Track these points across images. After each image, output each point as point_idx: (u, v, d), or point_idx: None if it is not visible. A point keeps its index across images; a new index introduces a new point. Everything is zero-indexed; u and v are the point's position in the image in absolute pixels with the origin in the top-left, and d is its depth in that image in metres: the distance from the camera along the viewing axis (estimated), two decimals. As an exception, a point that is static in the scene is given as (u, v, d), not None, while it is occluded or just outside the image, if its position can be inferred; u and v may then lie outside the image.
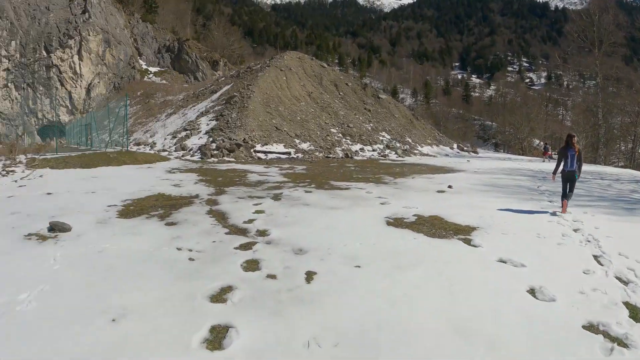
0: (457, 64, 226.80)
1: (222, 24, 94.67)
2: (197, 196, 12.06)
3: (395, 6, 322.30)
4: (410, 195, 12.80)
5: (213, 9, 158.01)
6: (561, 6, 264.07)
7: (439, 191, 13.82)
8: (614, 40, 47.86)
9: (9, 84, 57.05)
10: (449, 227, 8.87)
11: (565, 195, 11.11)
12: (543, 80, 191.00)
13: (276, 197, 11.83)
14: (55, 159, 20.12)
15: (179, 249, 7.17)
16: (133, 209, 10.34)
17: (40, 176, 16.66)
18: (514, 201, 12.52)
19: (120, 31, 66.84)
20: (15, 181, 15.54)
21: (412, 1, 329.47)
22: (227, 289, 5.49)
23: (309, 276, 5.92)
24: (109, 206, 10.62)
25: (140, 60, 70.20)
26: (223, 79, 46.51)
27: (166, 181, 15.22)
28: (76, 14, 60.52)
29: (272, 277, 5.90)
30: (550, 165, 27.98)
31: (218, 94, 37.10)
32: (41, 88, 57.83)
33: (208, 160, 23.83)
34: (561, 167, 11.01)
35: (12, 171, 17.62)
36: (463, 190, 14.24)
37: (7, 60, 56.52)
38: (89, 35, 59.88)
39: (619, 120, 53.90)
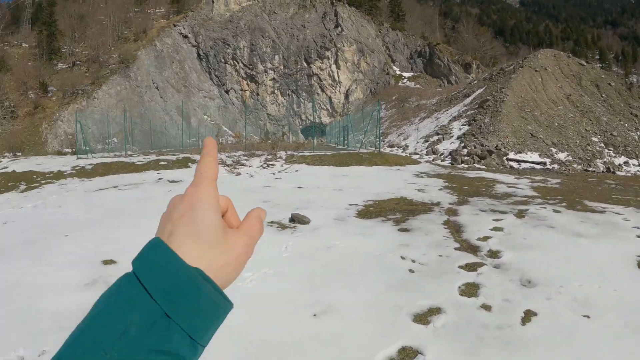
0: None
1: (471, 25, 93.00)
2: (438, 204, 11.72)
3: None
4: None
5: (460, 10, 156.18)
6: None
7: None
8: None
9: (275, 91, 65.92)
10: None
11: None
12: None
13: (520, 214, 10.65)
14: (312, 156, 21.80)
15: (402, 258, 7.05)
16: (372, 210, 10.59)
17: (296, 171, 18.23)
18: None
19: (372, 40, 70.88)
20: (274, 173, 17.20)
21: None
22: (435, 311, 5.17)
23: (527, 316, 5.10)
24: (350, 205, 11.08)
25: (393, 66, 72.95)
26: (476, 82, 45.53)
27: (412, 185, 15.21)
28: (330, 28, 66.64)
29: (486, 308, 5.31)
30: None
31: (471, 97, 36.34)
32: (304, 94, 65.01)
33: (458, 166, 23.37)
34: None
35: (272, 164, 19.63)
36: None
37: (272, 71, 65.94)
38: (344, 46, 65.24)
39: None
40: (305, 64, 65.98)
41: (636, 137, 30.35)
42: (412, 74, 72.26)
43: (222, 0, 72.60)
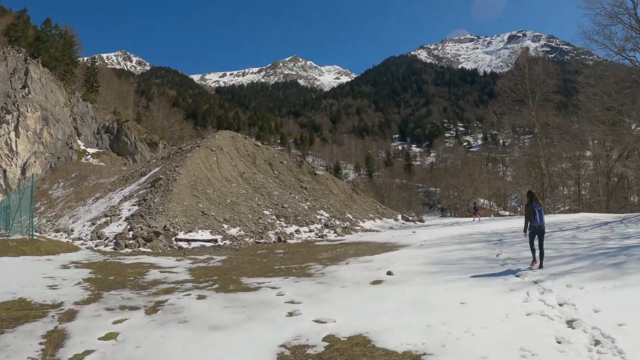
0: (396, 135, 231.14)
1: (163, 104, 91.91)
2: (59, 305, 8.99)
3: (335, 85, 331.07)
4: (334, 294, 9.59)
5: (157, 91, 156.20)
6: (489, 71, 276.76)
7: (374, 282, 10.72)
8: (547, 89, 47.51)
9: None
10: (376, 362, 5.80)
11: (534, 251, 11.06)
12: (480, 142, 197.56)
13: (154, 308, 8.63)
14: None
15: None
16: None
17: None
18: (473, 284, 9.72)
19: (59, 109, 62.44)
20: None
21: (350, 79, 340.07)
22: None
23: None
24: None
25: (78, 141, 65.73)
26: (154, 160, 43.04)
27: (47, 280, 11.76)
28: (16, 88, 56.42)
29: None
30: (483, 225, 28.81)
31: (146, 176, 33.59)
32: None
33: (121, 251, 20.00)
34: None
35: None
36: (406, 276, 11.16)
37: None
38: (27, 111, 55.16)
39: (559, 167, 54.03)
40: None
41: (306, 207, 31.36)
42: (97, 150, 66.65)
43: None
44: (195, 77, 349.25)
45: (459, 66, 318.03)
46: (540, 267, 10.86)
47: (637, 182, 48.76)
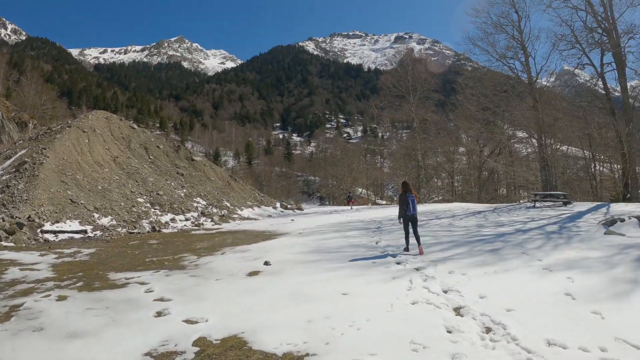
0: (278, 124, 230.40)
1: (36, 79, 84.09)
2: None
3: (219, 70, 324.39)
4: (208, 289, 8.73)
5: (32, 64, 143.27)
6: (373, 67, 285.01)
7: (251, 273, 10.01)
8: (428, 87, 49.66)
9: None
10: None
11: (408, 239, 11.62)
12: (360, 134, 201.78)
13: (7, 315, 7.19)
14: None
15: None
16: None
17: None
18: (354, 273, 9.36)
19: None
20: None
21: (235, 65, 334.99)
22: None
23: None
24: None
25: None
26: (21, 142, 39.12)
27: None
28: None
29: None
30: (361, 213, 29.60)
31: (11, 160, 30.04)
32: None
33: (-24, 247, 17.79)
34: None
35: None
36: (284, 266, 10.61)
37: None
38: None
39: (434, 160, 57.71)
40: None
41: (182, 194, 29.89)
42: (-42, 130, 60.24)
43: None
44: (74, 52, 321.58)
45: (345, 60, 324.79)
46: (420, 252, 11.13)
47: (506, 176, 52.88)
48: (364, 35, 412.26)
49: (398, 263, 10.17)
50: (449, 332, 5.76)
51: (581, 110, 30.93)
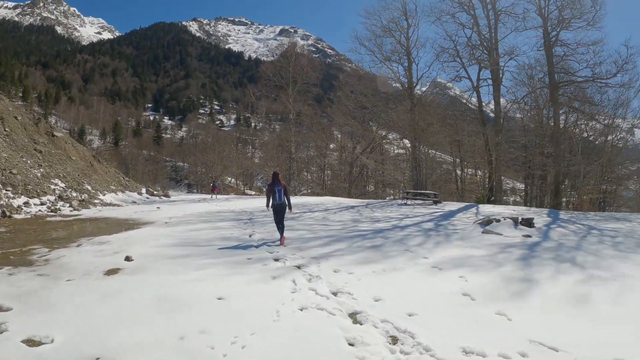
0: (150, 105, 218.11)
1: None
2: None
3: (95, 40, 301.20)
4: (58, 293, 6.52)
5: None
6: (254, 57, 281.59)
7: (110, 272, 7.89)
8: (308, 80, 49.26)
9: None
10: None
11: (280, 228, 11.45)
12: (233, 122, 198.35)
13: None
14: None
15: None
16: None
17: None
18: (229, 271, 7.93)
19: None
20: None
21: (112, 37, 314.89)
22: None
23: None
24: None
25: None
26: None
27: None
28: None
29: None
30: (231, 203, 29.07)
31: None
32: None
33: None
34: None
35: None
36: (148, 262, 8.72)
37: None
38: None
39: (306, 154, 57.72)
40: None
41: (39, 174, 25.80)
42: None
43: None
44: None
45: (227, 46, 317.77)
46: (282, 242, 11.05)
47: (375, 173, 53.88)
48: (249, 23, 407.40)
49: (276, 260, 8.96)
50: (352, 344, 4.71)
51: (454, 119, 32.57)
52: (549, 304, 6.40)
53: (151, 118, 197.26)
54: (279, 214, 11.51)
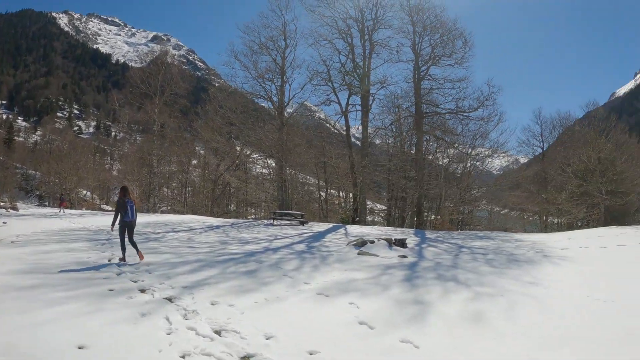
0: (4, 102, 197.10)
1: None
2: None
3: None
4: None
5: None
6: (122, 61, 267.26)
7: None
8: (177, 91, 46.73)
9: None
10: None
11: (124, 247, 10.79)
12: (92, 130, 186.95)
13: None
14: None
15: None
16: None
17: None
18: (89, 307, 6.41)
19: None
20: None
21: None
22: None
23: None
24: None
25: None
26: None
27: None
28: None
29: None
30: (87, 219, 26.78)
31: None
32: None
33: None
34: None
35: None
36: None
37: None
38: None
39: (167, 169, 55.21)
40: None
41: None
42: None
43: None
44: None
45: (95, 46, 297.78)
46: (141, 257, 10.77)
47: (238, 192, 53.52)
48: (122, 24, 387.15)
49: (142, 290, 7.61)
50: None
51: (321, 141, 33.46)
52: (448, 325, 6.24)
53: (4, 117, 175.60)
54: (129, 231, 10.94)
